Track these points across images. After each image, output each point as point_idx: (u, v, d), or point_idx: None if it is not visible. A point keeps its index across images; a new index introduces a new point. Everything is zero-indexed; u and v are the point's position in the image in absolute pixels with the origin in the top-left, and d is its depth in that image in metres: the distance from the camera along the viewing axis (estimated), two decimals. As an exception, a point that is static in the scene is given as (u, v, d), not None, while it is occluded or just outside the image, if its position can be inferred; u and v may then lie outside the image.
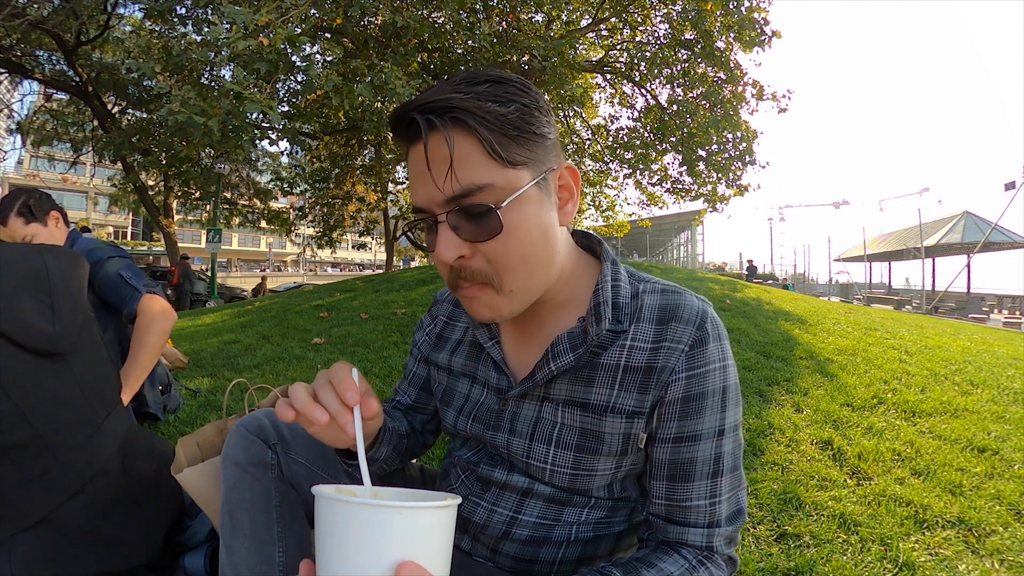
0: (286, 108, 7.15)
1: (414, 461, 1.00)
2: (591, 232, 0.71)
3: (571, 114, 8.89)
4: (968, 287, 19.59)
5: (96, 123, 10.98)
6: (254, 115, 3.89)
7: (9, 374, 0.84)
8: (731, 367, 0.63)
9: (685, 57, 6.65)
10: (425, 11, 4.80)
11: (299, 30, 3.78)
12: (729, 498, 0.62)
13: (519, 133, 0.54)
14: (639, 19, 6.89)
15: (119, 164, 11.09)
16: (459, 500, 0.45)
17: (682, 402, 0.60)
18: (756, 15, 6.08)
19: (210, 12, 4.44)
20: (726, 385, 0.61)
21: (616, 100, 8.65)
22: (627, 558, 0.62)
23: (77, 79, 9.76)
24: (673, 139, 7.17)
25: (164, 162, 8.93)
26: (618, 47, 7.66)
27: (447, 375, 0.78)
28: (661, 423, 0.62)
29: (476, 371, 0.73)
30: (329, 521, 0.42)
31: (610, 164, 9.06)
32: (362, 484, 0.49)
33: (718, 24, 6.07)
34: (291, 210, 15.38)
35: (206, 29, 4.22)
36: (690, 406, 0.60)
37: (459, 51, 5.77)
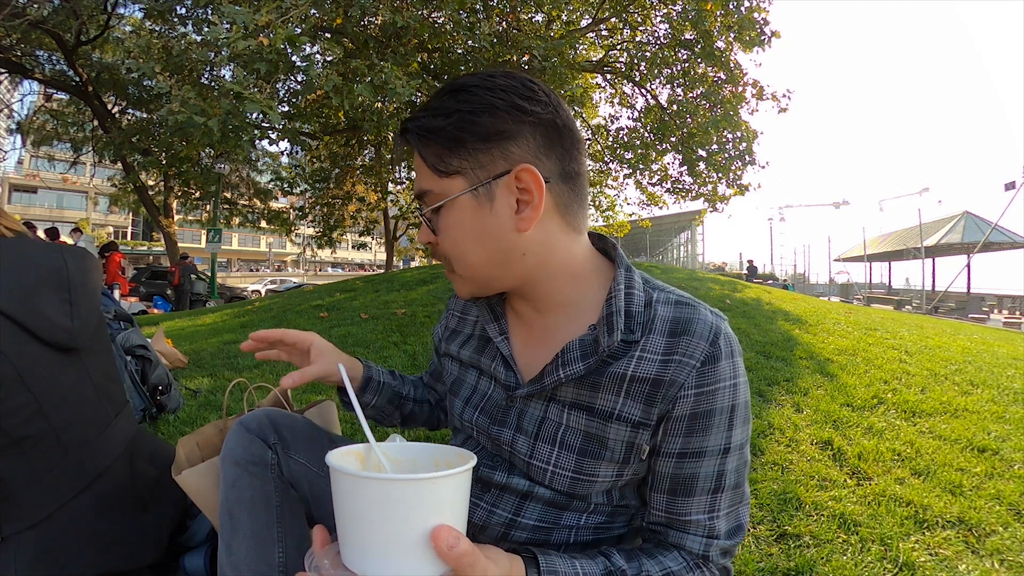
0: (286, 108, 7.14)
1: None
2: (606, 235, 0.71)
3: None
4: (968, 287, 19.58)
5: (96, 123, 10.99)
6: (254, 115, 3.88)
7: (28, 366, 0.85)
8: (742, 385, 0.61)
9: (685, 57, 6.65)
10: (425, 11, 4.80)
11: (299, 30, 3.78)
12: (728, 513, 0.61)
13: (454, 144, 0.59)
14: (639, 19, 6.89)
15: (119, 164, 11.10)
16: (475, 459, 0.48)
17: (689, 419, 0.60)
18: (756, 15, 6.08)
19: (210, 12, 4.45)
20: (735, 404, 0.60)
21: (616, 100, 8.65)
22: (630, 547, 0.63)
23: (77, 79, 9.76)
24: (673, 139, 7.18)
25: (164, 162, 8.91)
26: (618, 47, 7.66)
27: (458, 366, 0.78)
28: (666, 437, 0.61)
29: (484, 364, 0.74)
30: (352, 496, 0.43)
31: (610, 164, 9.05)
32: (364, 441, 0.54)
33: (718, 24, 6.07)
34: (291, 210, 15.39)
35: (206, 29, 4.22)
36: (697, 423, 0.60)
37: (459, 51, 5.77)
